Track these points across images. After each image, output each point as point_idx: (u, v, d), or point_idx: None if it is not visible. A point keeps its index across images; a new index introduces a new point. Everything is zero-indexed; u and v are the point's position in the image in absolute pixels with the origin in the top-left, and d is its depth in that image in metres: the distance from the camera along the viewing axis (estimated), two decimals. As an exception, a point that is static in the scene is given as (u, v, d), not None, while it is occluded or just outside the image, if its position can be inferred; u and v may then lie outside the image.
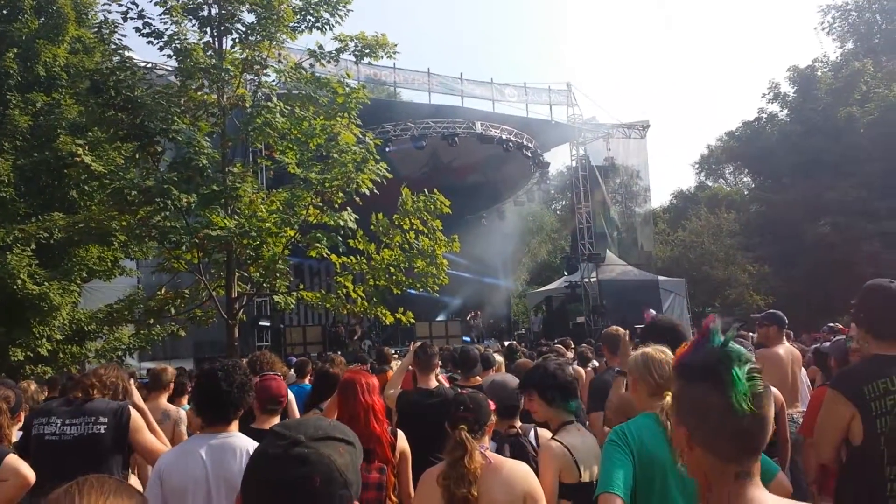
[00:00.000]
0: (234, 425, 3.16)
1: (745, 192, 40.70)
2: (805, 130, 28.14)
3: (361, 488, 3.57)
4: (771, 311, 6.90)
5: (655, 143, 39.82)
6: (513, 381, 4.11)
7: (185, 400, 6.56)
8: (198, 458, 2.98)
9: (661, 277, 28.24)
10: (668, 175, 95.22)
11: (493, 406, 3.35)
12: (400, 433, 4.06)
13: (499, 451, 3.79)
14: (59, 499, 1.10)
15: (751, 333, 10.53)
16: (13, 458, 2.81)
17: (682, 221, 40.76)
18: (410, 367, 5.68)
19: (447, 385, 5.79)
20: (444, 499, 2.91)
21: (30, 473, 2.87)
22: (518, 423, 4.12)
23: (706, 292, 35.30)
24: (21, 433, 3.86)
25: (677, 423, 1.51)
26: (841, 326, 7.86)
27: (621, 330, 5.76)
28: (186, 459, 3.01)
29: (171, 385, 6.31)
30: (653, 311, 4.65)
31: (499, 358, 7.44)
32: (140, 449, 3.59)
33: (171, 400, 6.32)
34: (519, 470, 3.07)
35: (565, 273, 30.00)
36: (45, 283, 12.52)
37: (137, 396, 4.03)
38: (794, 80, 30.37)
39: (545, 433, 3.73)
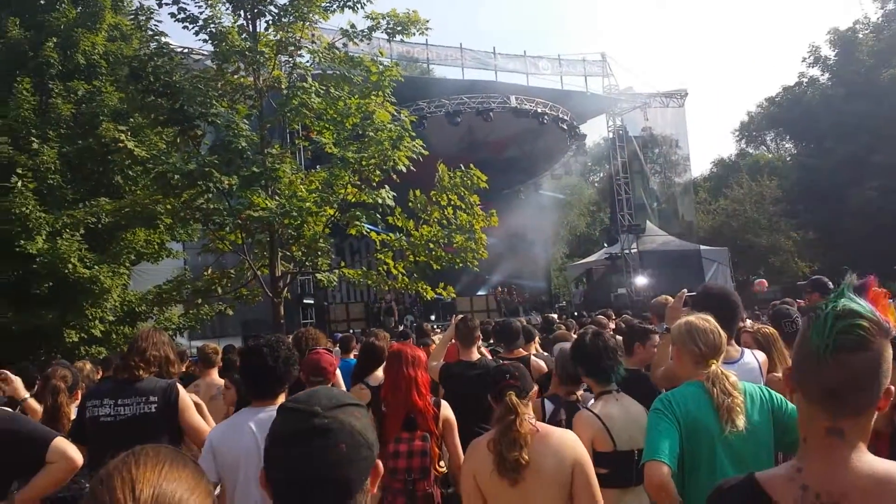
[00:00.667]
0: (282, 398, 3.18)
1: (787, 159, 39.86)
2: (847, 94, 27.46)
3: (407, 456, 3.69)
4: (815, 276, 6.80)
5: (694, 112, 39.38)
6: None
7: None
8: (248, 430, 3.05)
9: (703, 247, 27.91)
10: (707, 143, 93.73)
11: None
12: (444, 403, 4.12)
13: (554, 413, 3.93)
14: (115, 469, 1.07)
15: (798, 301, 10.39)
16: (61, 441, 2.78)
17: (723, 190, 40.12)
18: (452, 339, 5.75)
19: (489, 357, 5.85)
20: (495, 464, 2.94)
21: (77, 456, 2.84)
22: (580, 391, 4.21)
23: (750, 261, 34.80)
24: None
25: (786, 367, 1.52)
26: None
27: (671, 298, 5.75)
28: (237, 432, 3.09)
29: (220, 362, 6.51)
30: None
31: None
32: (187, 428, 3.64)
33: (221, 376, 6.51)
34: (568, 438, 3.09)
35: (605, 245, 29.83)
36: (95, 267, 12.80)
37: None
38: (835, 42, 29.61)
39: None
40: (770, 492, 1.41)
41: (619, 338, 4.98)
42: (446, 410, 4.08)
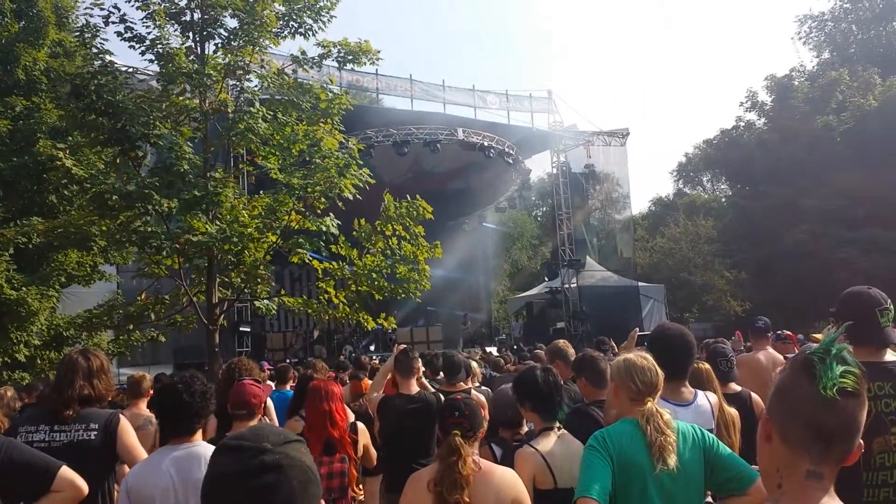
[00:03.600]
0: (199, 435, 3.21)
1: (723, 200, 41.09)
2: (782, 139, 28.49)
3: (328, 477, 3.88)
4: (755, 317, 7.03)
5: (635, 151, 40.29)
6: None
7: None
8: (162, 469, 3.03)
9: (640, 284, 28.45)
10: (647, 182, 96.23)
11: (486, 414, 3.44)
12: (359, 425, 4.58)
13: (504, 458, 3.87)
14: None
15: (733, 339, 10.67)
16: (67, 470, 2.77)
17: (660, 228, 41.05)
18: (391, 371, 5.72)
19: (431, 390, 5.83)
20: (435, 503, 2.95)
21: (83, 485, 2.83)
22: (524, 430, 4.21)
23: (684, 298, 35.59)
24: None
25: (765, 413, 1.53)
26: (789, 333, 8.02)
27: (565, 344, 5.88)
28: (153, 472, 3.06)
29: (150, 392, 6.31)
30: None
31: (474, 364, 7.49)
32: (124, 453, 3.54)
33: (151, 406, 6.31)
34: (508, 476, 3.12)
35: (546, 279, 30.13)
36: (23, 289, 12.36)
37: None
38: (772, 88, 30.77)
39: None
40: None
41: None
42: (363, 436, 4.55)
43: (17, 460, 2.68)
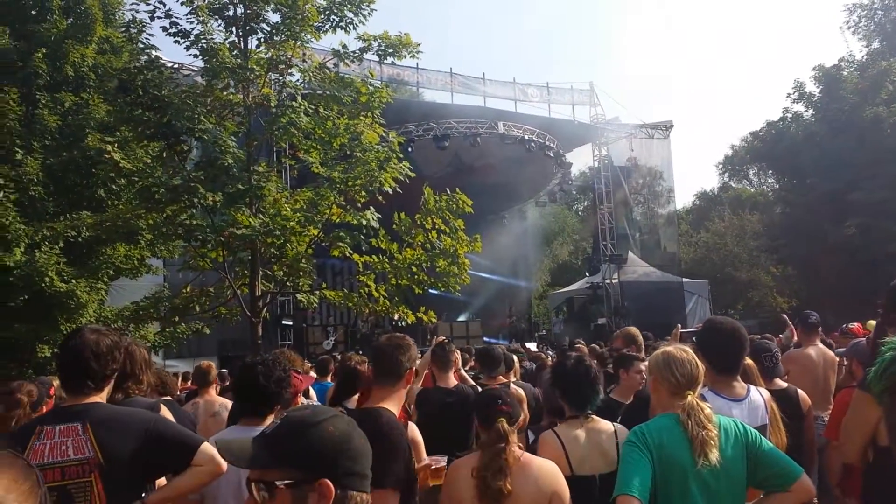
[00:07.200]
0: (270, 419, 3.19)
1: (769, 193, 40.29)
2: (830, 131, 27.77)
3: None
4: (806, 311, 6.85)
5: (679, 144, 39.71)
6: None
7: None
8: None
9: (684, 279, 28.06)
10: (691, 176, 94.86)
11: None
12: (411, 425, 4.12)
13: (535, 443, 3.95)
14: None
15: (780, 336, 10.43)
16: (209, 446, 2.82)
17: (705, 223, 40.43)
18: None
19: (471, 383, 5.83)
20: (477, 489, 2.95)
21: (223, 462, 2.84)
22: None
23: (729, 294, 35.01)
24: None
25: None
26: (853, 327, 7.78)
27: (634, 330, 5.86)
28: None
29: (217, 380, 6.51)
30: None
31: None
32: None
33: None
34: (548, 467, 3.11)
35: (587, 274, 29.91)
36: (73, 281, 12.66)
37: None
38: (820, 79, 29.97)
39: None
40: None
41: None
42: (412, 433, 4.12)
43: (165, 433, 2.78)
